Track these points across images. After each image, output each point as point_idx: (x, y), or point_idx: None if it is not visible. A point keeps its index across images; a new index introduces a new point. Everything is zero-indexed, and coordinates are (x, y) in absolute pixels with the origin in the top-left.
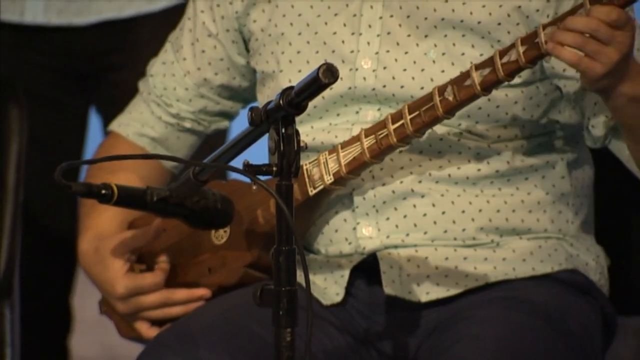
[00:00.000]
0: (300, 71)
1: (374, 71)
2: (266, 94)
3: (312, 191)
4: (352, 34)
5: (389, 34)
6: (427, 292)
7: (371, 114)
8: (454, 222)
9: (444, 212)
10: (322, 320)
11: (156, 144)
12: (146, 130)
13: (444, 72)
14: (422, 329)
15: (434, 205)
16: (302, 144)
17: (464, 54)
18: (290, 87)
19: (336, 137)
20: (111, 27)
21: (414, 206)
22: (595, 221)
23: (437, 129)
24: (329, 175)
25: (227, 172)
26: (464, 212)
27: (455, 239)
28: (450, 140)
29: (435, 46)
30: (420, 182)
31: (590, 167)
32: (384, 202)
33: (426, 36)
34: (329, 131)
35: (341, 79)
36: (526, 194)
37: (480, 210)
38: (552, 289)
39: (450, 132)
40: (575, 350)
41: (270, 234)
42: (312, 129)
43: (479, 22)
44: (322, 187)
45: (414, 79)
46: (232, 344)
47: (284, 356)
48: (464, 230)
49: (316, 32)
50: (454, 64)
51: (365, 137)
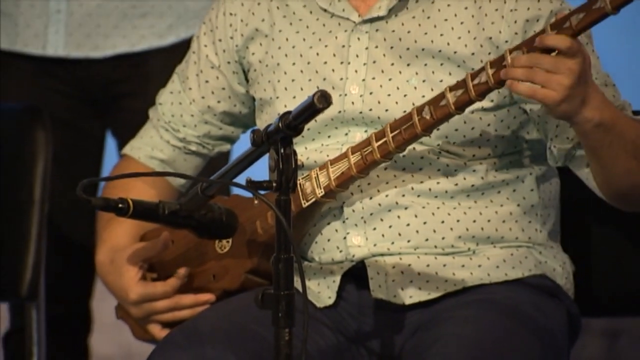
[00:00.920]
0: (294, 97)
1: (361, 96)
2: (264, 119)
3: (305, 203)
4: (341, 63)
5: (374, 62)
6: (410, 295)
7: (359, 136)
8: (434, 231)
9: (425, 223)
10: (316, 321)
11: (165, 165)
12: (156, 153)
13: (424, 97)
14: (406, 329)
15: (416, 216)
16: (299, 162)
17: (442, 80)
18: (288, 112)
19: (328, 156)
20: (125, 59)
21: (398, 217)
22: (561, 231)
23: (419, 148)
24: (320, 188)
25: (231, 188)
26: (443, 222)
27: (435, 247)
28: (430, 158)
29: (416, 74)
30: (403, 195)
31: (556, 181)
32: (371, 214)
33: (408, 65)
34: (321, 151)
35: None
36: (499, 206)
37: (458, 220)
38: (523, 293)
39: (430, 151)
40: (543, 347)
41: (268, 243)
42: (306, 150)
43: (455, 52)
44: (314, 199)
45: (397, 103)
46: (235, 343)
47: (282, 354)
48: (443, 239)
49: (309, 62)
50: (433, 90)
51: (351, 154)
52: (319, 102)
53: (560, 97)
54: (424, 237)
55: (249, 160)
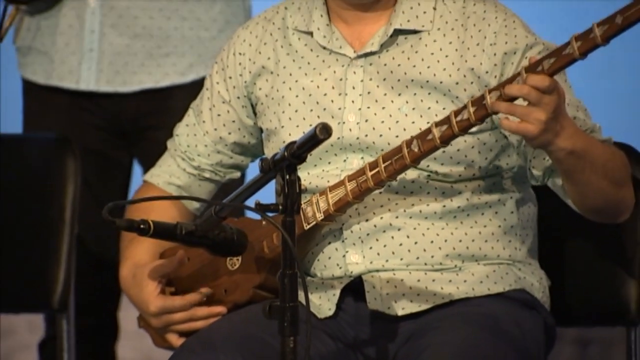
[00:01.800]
0: (298, 126)
1: (357, 123)
2: (271, 148)
3: (306, 226)
4: (339, 94)
5: (369, 93)
6: (402, 307)
7: (355, 162)
8: (424, 250)
9: (416, 242)
10: (318, 330)
11: (182, 190)
12: (173, 179)
13: (414, 123)
14: (399, 338)
15: (408, 236)
16: (302, 187)
17: (429, 108)
18: (293, 142)
19: (328, 181)
20: (150, 94)
21: (392, 237)
22: (538, 250)
23: (410, 174)
24: (320, 212)
25: (241, 210)
26: (432, 242)
27: (425, 264)
28: (420, 182)
29: (407, 102)
30: (397, 217)
31: (534, 205)
32: (368, 234)
33: (399, 94)
34: (322, 177)
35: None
36: (482, 226)
37: (445, 240)
38: (504, 305)
39: (420, 176)
40: (522, 354)
41: (274, 261)
42: (308, 175)
43: (441, 82)
44: (314, 222)
45: (390, 129)
46: (245, 350)
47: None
48: (432, 256)
49: (310, 94)
50: (422, 116)
51: (348, 182)
52: (321, 134)
53: (537, 130)
54: (415, 255)
55: (257, 185)
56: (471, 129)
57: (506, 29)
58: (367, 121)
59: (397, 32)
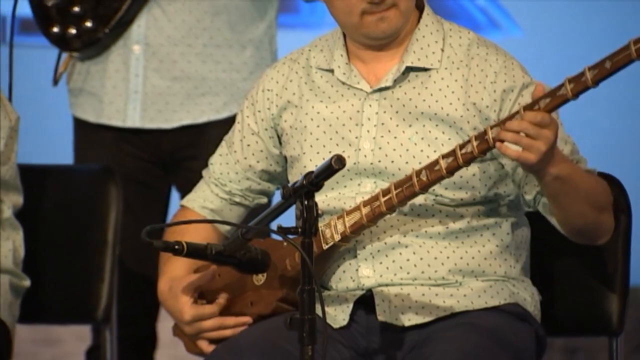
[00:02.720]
0: (318, 153)
1: (372, 150)
2: (294, 173)
3: (325, 246)
4: (356, 125)
5: (382, 124)
6: (409, 319)
7: (369, 186)
8: (428, 265)
9: (421, 259)
10: (333, 339)
11: (214, 214)
12: (207, 203)
13: (422, 151)
14: (405, 346)
15: (414, 253)
16: (319, 210)
17: (437, 138)
18: (310, 172)
19: (344, 203)
20: (188, 129)
21: (400, 254)
22: (531, 268)
23: (417, 198)
24: (337, 234)
25: (266, 232)
26: (436, 258)
27: (429, 279)
28: (426, 206)
29: (416, 133)
30: (404, 236)
31: (527, 228)
32: (378, 251)
33: (410, 125)
34: (338, 199)
35: (348, 157)
36: (481, 246)
37: (448, 257)
38: (500, 318)
39: (427, 200)
40: None
41: (295, 278)
42: (326, 197)
43: (447, 115)
44: (332, 243)
45: (401, 156)
46: (268, 357)
47: None
48: (435, 271)
49: (330, 124)
50: (429, 145)
51: (363, 207)
52: (336, 164)
53: (536, 159)
54: (420, 270)
55: (279, 210)
56: (472, 162)
57: (505, 69)
58: (380, 149)
59: (409, 70)
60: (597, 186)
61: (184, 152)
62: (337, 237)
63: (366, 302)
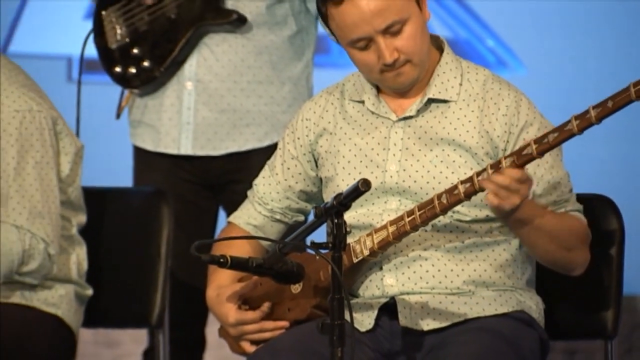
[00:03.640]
0: (349, 174)
1: (397, 172)
2: (328, 193)
3: (355, 260)
4: (383, 149)
5: (407, 149)
6: (427, 324)
7: (394, 204)
8: (445, 277)
9: (439, 270)
10: (360, 342)
11: (257, 230)
12: (251, 220)
13: (441, 172)
14: (424, 349)
15: (433, 265)
16: (348, 227)
17: (454, 161)
18: (340, 193)
19: (372, 219)
20: (234, 156)
21: (420, 266)
22: (536, 279)
23: None
24: (367, 249)
25: (301, 247)
26: (452, 270)
27: (446, 288)
28: (445, 222)
29: (436, 156)
30: (425, 250)
31: None
32: (401, 263)
33: (431, 150)
34: (367, 215)
35: (376, 177)
36: (493, 259)
37: (462, 269)
38: (508, 323)
39: (445, 217)
40: None
41: (327, 287)
42: (356, 213)
43: (464, 141)
44: (361, 257)
45: (422, 177)
46: (303, 357)
47: None
48: (451, 282)
49: (360, 149)
50: (448, 168)
51: (390, 225)
52: (362, 187)
53: (508, 209)
54: (438, 280)
55: (312, 227)
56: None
57: (515, 105)
58: (404, 170)
59: (430, 101)
60: (564, 228)
61: (230, 176)
62: (366, 252)
63: (389, 308)
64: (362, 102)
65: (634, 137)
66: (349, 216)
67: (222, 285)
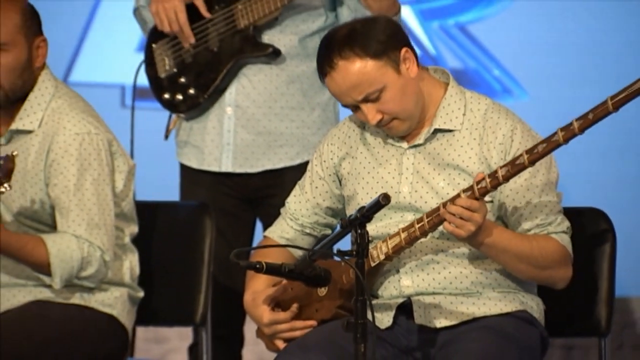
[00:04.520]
0: (367, 193)
1: (409, 192)
2: (350, 209)
3: (372, 264)
4: (398, 173)
5: (417, 172)
6: (440, 322)
7: (409, 217)
8: (455, 278)
9: (450, 273)
10: (380, 340)
11: (289, 242)
12: (284, 234)
13: (448, 193)
14: (437, 345)
15: (444, 268)
16: (370, 238)
17: (459, 183)
18: (362, 207)
19: (390, 230)
20: (269, 173)
21: (433, 268)
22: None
23: None
24: (382, 254)
25: (328, 255)
26: (461, 273)
27: (456, 289)
28: None
29: (444, 179)
30: (437, 255)
31: None
32: (416, 266)
33: (439, 173)
34: (385, 227)
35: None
36: (497, 264)
37: (470, 272)
38: (512, 322)
39: None
40: (525, 356)
41: (350, 290)
42: (376, 226)
43: (467, 166)
44: (378, 261)
45: (432, 198)
46: (329, 353)
47: None
48: (461, 283)
49: (377, 172)
50: (454, 189)
51: (402, 232)
52: (383, 201)
53: (465, 235)
54: (449, 282)
55: (339, 237)
56: (487, 195)
57: (510, 133)
58: (416, 192)
59: (437, 131)
60: (535, 250)
61: (266, 191)
62: (382, 257)
63: (406, 308)
64: (378, 132)
65: (625, 154)
66: (370, 228)
67: (257, 290)
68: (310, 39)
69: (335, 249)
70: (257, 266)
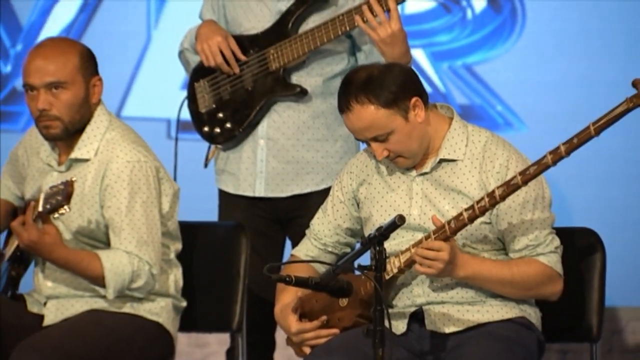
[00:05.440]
0: (381, 215)
1: (419, 215)
2: (367, 230)
3: (387, 277)
4: (409, 198)
5: (425, 196)
6: (448, 328)
7: (419, 236)
8: (461, 288)
9: (456, 284)
10: (396, 345)
11: (314, 259)
12: (309, 252)
13: (452, 215)
14: (447, 348)
15: (451, 280)
16: (386, 254)
17: (462, 206)
18: (380, 226)
19: (403, 247)
20: (297, 197)
21: (442, 280)
22: None
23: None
24: (395, 268)
25: (349, 269)
26: (466, 284)
27: (462, 298)
28: (460, 249)
29: (448, 203)
30: None
31: None
32: (426, 278)
33: (444, 198)
34: (399, 244)
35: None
36: None
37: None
38: (513, 327)
39: (460, 245)
40: (524, 358)
41: (369, 300)
42: (390, 244)
43: (469, 192)
44: (392, 274)
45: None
46: (352, 356)
47: None
48: (466, 293)
49: (391, 196)
50: (457, 211)
51: (412, 248)
52: (398, 221)
53: (436, 273)
54: (456, 292)
55: (359, 253)
56: (486, 213)
57: (506, 163)
58: (424, 214)
59: (442, 160)
60: (516, 275)
61: (294, 213)
62: (395, 270)
63: (418, 316)
64: (390, 162)
65: (611, 181)
66: (388, 245)
67: (285, 303)
68: (333, 79)
69: (355, 264)
70: (287, 279)
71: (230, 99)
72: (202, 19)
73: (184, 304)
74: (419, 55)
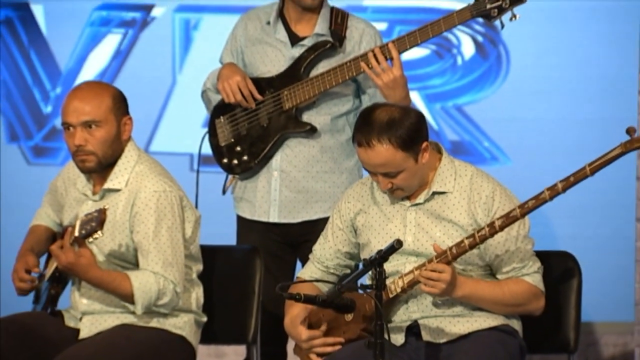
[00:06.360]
0: (379, 242)
1: (412, 241)
2: (364, 255)
3: (390, 295)
4: (403, 226)
5: (419, 224)
6: (442, 338)
7: (412, 259)
8: (452, 304)
9: (447, 299)
10: (395, 355)
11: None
12: (312, 275)
13: (444, 242)
14: (441, 357)
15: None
16: (386, 274)
17: (453, 234)
18: (380, 250)
19: (399, 269)
20: (307, 223)
21: (434, 297)
22: None
23: None
24: (399, 288)
25: (353, 288)
26: (455, 300)
27: (453, 311)
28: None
29: (440, 230)
30: None
31: None
32: (420, 295)
33: (436, 226)
34: (394, 266)
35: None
36: None
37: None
38: (498, 334)
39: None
40: None
41: (371, 316)
42: (387, 266)
43: (459, 221)
44: (394, 294)
45: (431, 245)
46: None
47: None
48: (456, 307)
49: (387, 224)
50: (449, 239)
51: (415, 270)
52: (397, 245)
53: (437, 293)
54: (447, 307)
55: (361, 274)
56: (485, 241)
57: (492, 194)
58: (418, 240)
59: (434, 193)
60: (506, 294)
61: (305, 237)
62: (399, 290)
63: (414, 329)
64: (386, 192)
65: (588, 210)
66: (387, 267)
67: (294, 315)
68: (340, 118)
69: (358, 283)
70: (297, 297)
71: (247, 134)
72: (222, 62)
73: (205, 319)
74: (414, 96)
